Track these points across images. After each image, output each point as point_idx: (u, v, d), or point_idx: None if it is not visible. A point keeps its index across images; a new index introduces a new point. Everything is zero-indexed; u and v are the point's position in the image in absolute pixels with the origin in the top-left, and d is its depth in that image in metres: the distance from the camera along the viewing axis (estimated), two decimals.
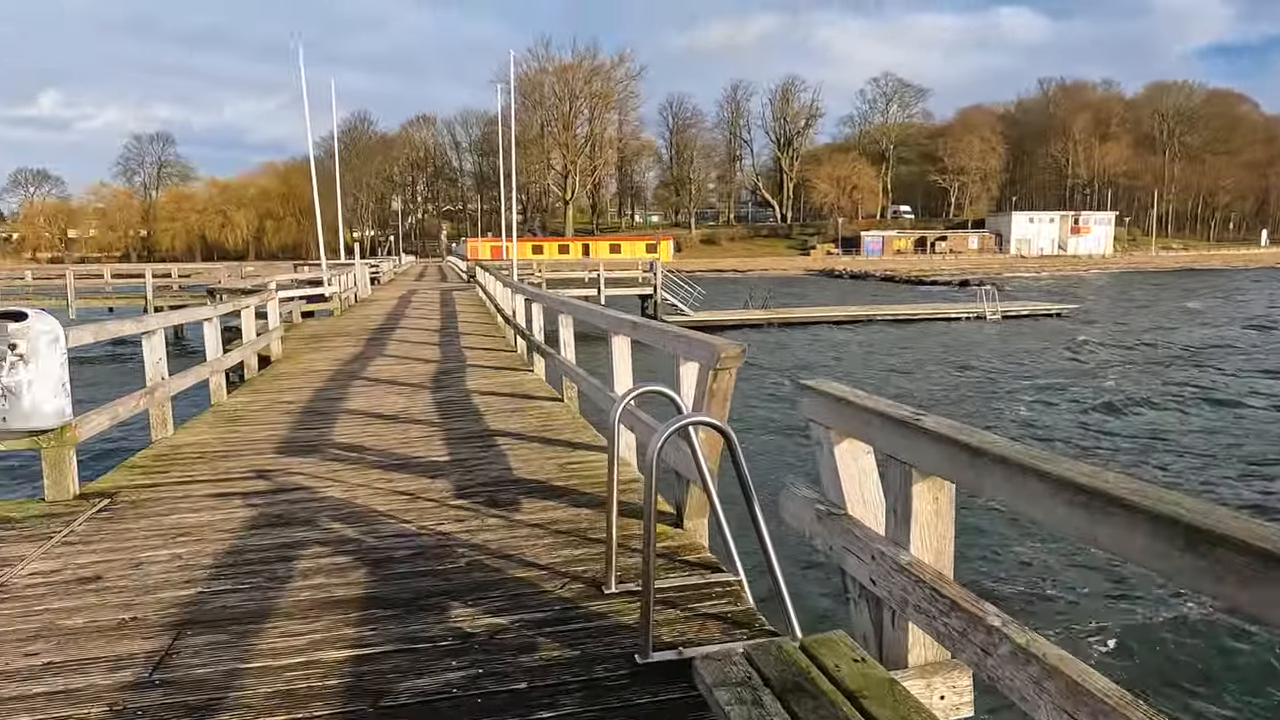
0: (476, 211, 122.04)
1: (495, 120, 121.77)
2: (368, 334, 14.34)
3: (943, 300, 41.48)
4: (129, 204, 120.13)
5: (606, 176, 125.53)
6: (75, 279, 24.91)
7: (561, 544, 3.90)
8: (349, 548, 3.90)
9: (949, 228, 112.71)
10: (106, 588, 3.47)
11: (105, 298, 25.37)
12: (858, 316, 31.41)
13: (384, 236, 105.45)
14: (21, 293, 26.57)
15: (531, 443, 6.07)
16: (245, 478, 5.24)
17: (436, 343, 12.95)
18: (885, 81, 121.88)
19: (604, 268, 29.47)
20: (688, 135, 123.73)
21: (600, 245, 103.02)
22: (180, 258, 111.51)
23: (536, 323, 10.01)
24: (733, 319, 29.86)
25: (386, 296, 24.30)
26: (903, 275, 67.28)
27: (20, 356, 4.32)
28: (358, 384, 9.20)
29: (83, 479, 5.15)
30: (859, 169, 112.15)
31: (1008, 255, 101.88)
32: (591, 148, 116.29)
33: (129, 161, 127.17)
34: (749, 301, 34.23)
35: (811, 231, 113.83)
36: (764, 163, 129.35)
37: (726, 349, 3.41)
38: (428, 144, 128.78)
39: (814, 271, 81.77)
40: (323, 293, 18.24)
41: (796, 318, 31.08)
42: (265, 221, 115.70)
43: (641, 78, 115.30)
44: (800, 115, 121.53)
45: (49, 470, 4.73)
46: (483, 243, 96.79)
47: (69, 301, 24.77)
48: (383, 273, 34.15)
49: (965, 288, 53.73)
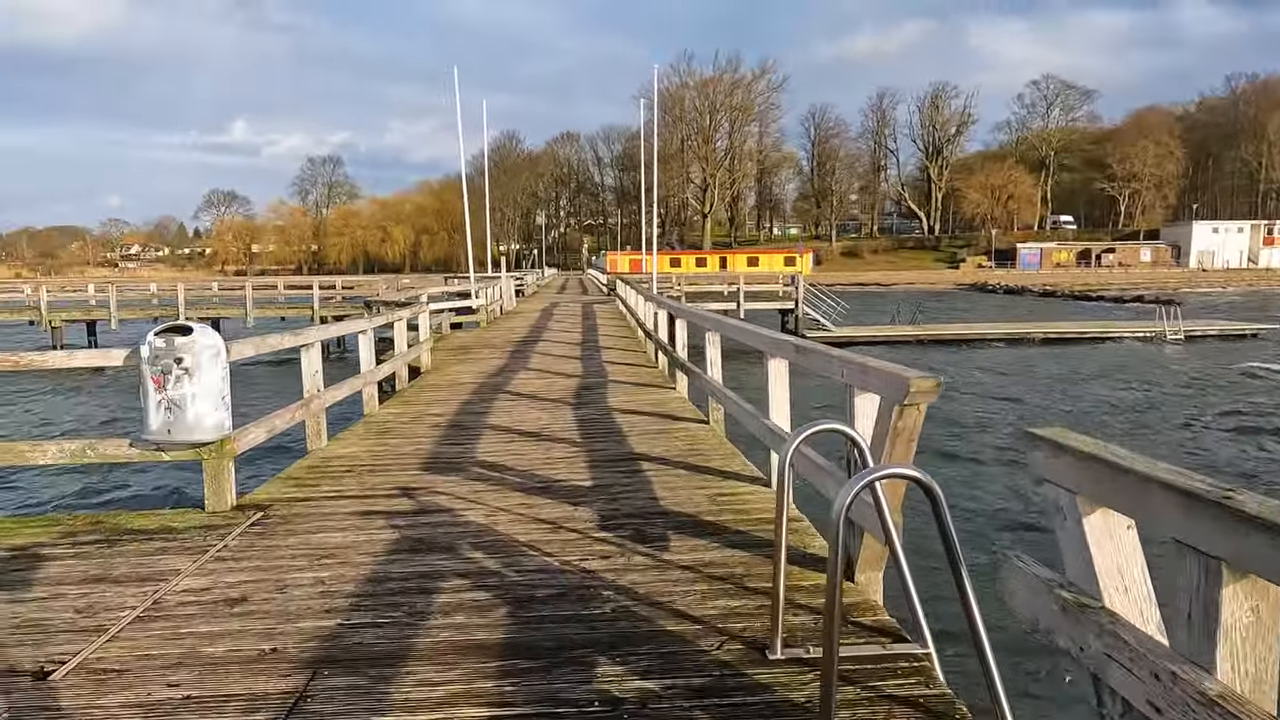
0: (616, 225, 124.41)
1: (636, 136, 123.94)
2: (511, 346, 14.53)
3: (1112, 317, 38.12)
4: (302, 221, 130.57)
5: (745, 189, 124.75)
6: (253, 290, 27.06)
7: (716, 592, 3.51)
8: (490, 582, 3.67)
9: (1117, 239, 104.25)
10: (251, 612, 3.38)
11: (278, 308, 27.43)
12: (1016, 334, 29.25)
13: (528, 250, 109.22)
14: (209, 302, 29.14)
15: (678, 469, 5.72)
16: (390, 495, 5.18)
17: (578, 356, 12.91)
18: (1046, 84, 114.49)
19: (744, 281, 28.94)
20: (830, 146, 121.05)
21: (738, 258, 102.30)
22: (345, 270, 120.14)
23: (680, 339, 9.69)
24: (878, 335, 28.53)
25: (530, 309, 24.84)
26: (1065, 290, 62.62)
27: (185, 370, 4.40)
28: (501, 398, 9.20)
29: (242, 486, 5.27)
30: (1015, 177, 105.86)
31: (1186, 269, 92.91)
32: (731, 160, 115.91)
33: (303, 182, 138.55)
34: (896, 316, 32.67)
35: (961, 243, 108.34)
36: (909, 172, 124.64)
37: (919, 382, 2.92)
38: (571, 160, 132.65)
39: (964, 285, 77.57)
40: (470, 305, 18.76)
41: (948, 335, 29.33)
42: (420, 236, 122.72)
43: (783, 89, 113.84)
44: (951, 122, 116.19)
45: (209, 481, 4.82)
46: (621, 256, 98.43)
47: (247, 311, 26.89)
48: (527, 285, 35.12)
49: (1138, 304, 49.29)
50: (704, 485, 5.25)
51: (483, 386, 9.99)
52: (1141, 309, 45.48)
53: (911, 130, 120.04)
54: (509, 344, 14.91)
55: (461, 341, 15.40)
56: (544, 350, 13.88)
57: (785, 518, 2.86)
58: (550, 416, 8.04)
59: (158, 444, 4.60)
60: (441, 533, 4.37)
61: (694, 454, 6.19)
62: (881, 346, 26.16)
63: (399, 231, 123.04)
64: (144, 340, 4.49)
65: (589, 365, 11.94)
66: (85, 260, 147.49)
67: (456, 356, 13.09)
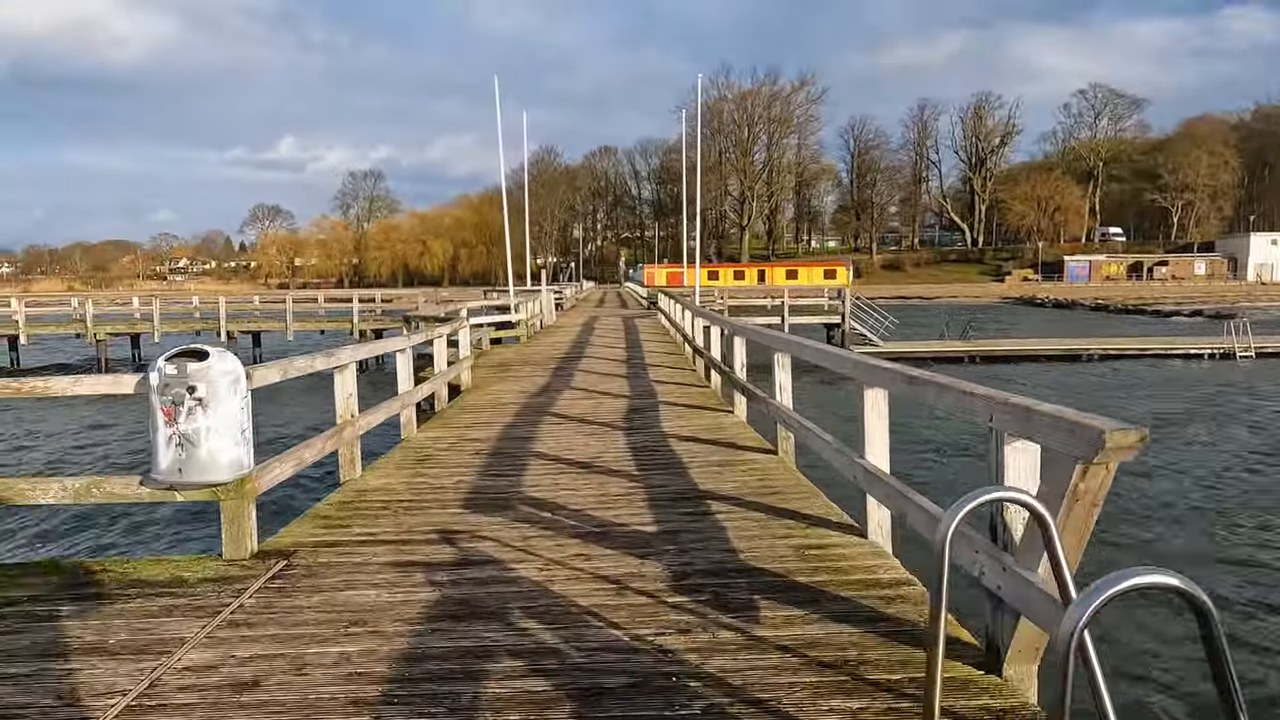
0: (654, 238, 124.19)
1: (673, 149, 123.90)
2: (554, 363, 13.98)
3: (1171, 333, 36.50)
4: (344, 235, 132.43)
5: (783, 201, 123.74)
6: (294, 304, 27.00)
7: (829, 686, 2.82)
8: (548, 664, 3.03)
9: (1170, 251, 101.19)
10: (263, 703, 2.78)
11: (318, 321, 27.33)
12: (1075, 350, 28.02)
13: (565, 263, 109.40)
14: (251, 316, 29.17)
15: (752, 511, 5.04)
16: (429, 540, 4.58)
17: (624, 374, 12.30)
18: (1094, 93, 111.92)
19: (788, 295, 28.17)
20: (870, 157, 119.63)
21: (777, 271, 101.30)
22: (385, 283, 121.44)
23: (739, 358, 9.01)
24: (927, 351, 27.50)
25: (570, 323, 24.36)
26: (1118, 304, 60.60)
27: (199, 400, 3.85)
28: (546, 420, 8.61)
29: (267, 523, 4.73)
30: (1062, 188, 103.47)
31: (1244, 282, 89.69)
32: (769, 173, 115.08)
33: (345, 196, 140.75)
34: (945, 331, 31.58)
35: (1006, 256, 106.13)
36: (951, 184, 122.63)
37: (1117, 435, 2.22)
38: (608, 173, 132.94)
39: (1010, 299, 75.66)
40: (510, 319, 18.30)
41: (1002, 351, 28.18)
42: (459, 250, 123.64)
43: (822, 100, 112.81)
44: (995, 133, 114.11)
45: (226, 525, 4.27)
46: (659, 269, 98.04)
47: (288, 324, 26.81)
48: (566, 299, 34.72)
49: (1198, 318, 47.39)
50: (786, 533, 4.56)
51: (525, 408, 9.42)
52: (1204, 324, 43.68)
53: (954, 141, 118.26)
54: (551, 360, 14.36)
55: (502, 358, 14.89)
56: (588, 368, 13.29)
57: (944, 619, 2.18)
58: (601, 444, 7.43)
59: (169, 484, 4.05)
60: (488, 593, 3.75)
61: (767, 491, 5.51)
62: (932, 363, 25.17)
63: (438, 245, 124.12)
64: (153, 366, 3.95)
65: (637, 385, 11.33)
66: (135, 274, 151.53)
67: (497, 374, 12.56)
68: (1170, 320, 47.98)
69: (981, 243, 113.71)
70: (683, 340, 16.63)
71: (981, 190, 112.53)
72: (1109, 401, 19.35)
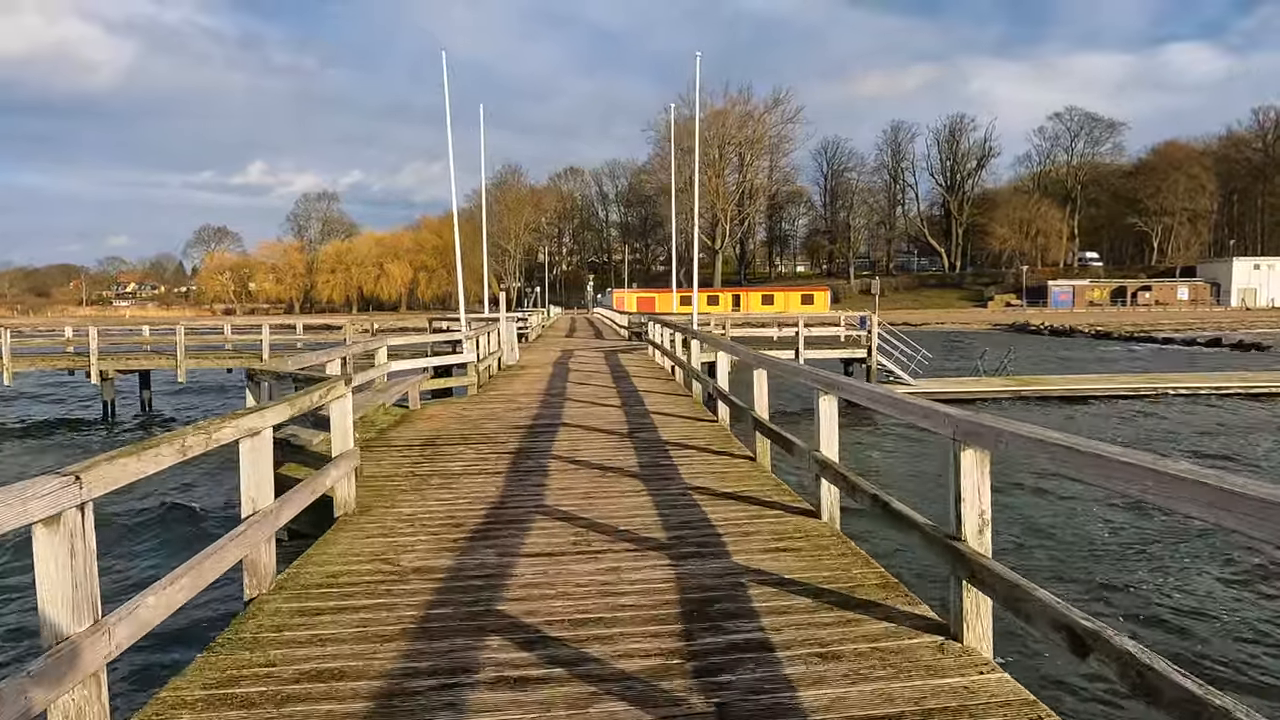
0: (622, 262, 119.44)
1: (641, 171, 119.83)
2: (514, 438, 8.76)
3: (1213, 363, 32.48)
4: (296, 258, 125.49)
5: (756, 224, 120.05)
6: (186, 336, 21.34)
7: None
8: None
9: (1152, 276, 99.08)
10: None
11: (219, 357, 21.75)
12: (1142, 389, 23.49)
13: (530, 288, 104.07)
14: (139, 351, 23.47)
15: None
16: None
17: (636, 469, 7.13)
18: (1070, 116, 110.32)
19: (803, 324, 23.24)
20: (845, 180, 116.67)
21: (752, 296, 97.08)
22: (339, 309, 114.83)
23: (824, 437, 4.10)
24: (972, 391, 22.75)
25: (537, 361, 19.10)
26: (1123, 332, 57.00)
27: None
28: (494, 642, 3.39)
29: None
30: (1043, 211, 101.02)
31: (1229, 308, 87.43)
32: (741, 195, 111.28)
33: (298, 218, 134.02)
34: (980, 365, 26.90)
35: (986, 281, 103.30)
36: (925, 208, 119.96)
37: None
38: (575, 196, 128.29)
39: (1001, 326, 71.92)
40: (456, 360, 13.06)
41: (1056, 390, 23.56)
42: (419, 274, 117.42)
43: (796, 120, 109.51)
44: (970, 155, 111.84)
45: None
46: (629, 293, 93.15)
47: (178, 360, 21.20)
48: (531, 328, 29.41)
49: (1222, 349, 43.63)
50: None
51: (454, 580, 4.22)
52: (1231, 355, 39.83)
53: (929, 164, 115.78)
54: (509, 433, 9.14)
55: (430, 428, 9.63)
56: (570, 449, 8.11)
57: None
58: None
59: None
60: None
61: None
62: (979, 405, 20.39)
63: (396, 268, 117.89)
64: None
65: (665, 495, 6.14)
66: (78, 299, 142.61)
67: (411, 471, 7.33)
68: (1193, 350, 44.13)
69: (959, 267, 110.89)
70: (686, 378, 11.61)
71: (958, 214, 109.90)
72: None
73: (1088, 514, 11.28)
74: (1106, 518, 11.06)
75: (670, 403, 11.38)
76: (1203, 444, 16.89)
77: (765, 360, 7.33)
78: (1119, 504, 11.37)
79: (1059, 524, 10.84)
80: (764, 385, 7.43)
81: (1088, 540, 10.19)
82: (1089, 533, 10.48)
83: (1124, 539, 10.23)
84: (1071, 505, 11.71)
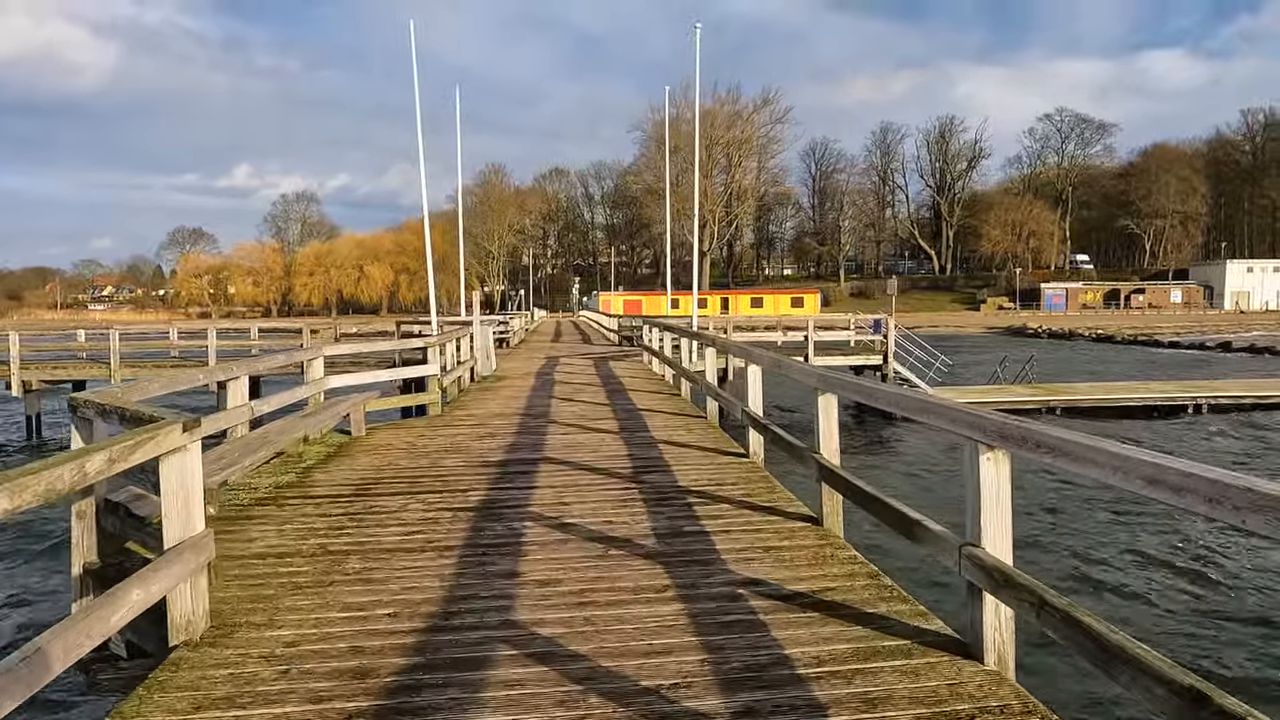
0: (608, 264, 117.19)
1: (627, 172, 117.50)
2: (480, 485, 6.55)
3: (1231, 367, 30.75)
4: (275, 260, 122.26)
5: (743, 226, 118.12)
6: (121, 342, 18.86)
7: None
8: None
9: (1145, 279, 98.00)
10: None
11: (159, 365, 19.34)
12: (1178, 399, 21.54)
13: (514, 291, 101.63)
14: (72, 358, 21.04)
15: None
16: None
17: (650, 540, 4.94)
18: (1061, 117, 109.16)
19: (813, 328, 21.13)
20: (834, 181, 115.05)
21: (741, 299, 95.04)
22: (318, 312, 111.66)
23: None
24: (993, 401, 20.70)
25: (518, 371, 16.84)
26: (1125, 335, 55.43)
27: None
28: None
29: None
30: (1036, 213, 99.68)
31: (1222, 311, 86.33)
32: (729, 196, 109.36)
33: (276, 219, 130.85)
34: (999, 372, 24.89)
35: (978, 284, 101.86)
36: (915, 210, 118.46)
37: None
38: (560, 197, 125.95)
39: (997, 330, 70.31)
40: (417, 373, 10.82)
41: (1084, 401, 21.55)
42: (400, 276, 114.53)
43: (786, 120, 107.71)
44: (960, 156, 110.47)
45: None
46: (615, 296, 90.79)
47: (112, 370, 18.79)
48: (513, 332, 27.12)
49: (1237, 353, 42.01)
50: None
51: None
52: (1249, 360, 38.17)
53: (919, 166, 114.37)
54: (473, 475, 6.93)
55: (374, 463, 7.40)
56: (556, 501, 5.93)
57: None
58: None
59: None
60: None
61: None
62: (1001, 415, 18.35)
63: (377, 271, 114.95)
64: None
65: (723, 623, 3.95)
66: (52, 302, 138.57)
67: (329, 532, 5.14)
68: (1205, 354, 42.47)
69: (950, 270, 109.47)
70: (692, 391, 9.47)
71: (949, 215, 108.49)
72: None
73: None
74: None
75: (680, 426, 9.19)
76: None
77: (832, 380, 5.18)
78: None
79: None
80: (833, 413, 5.28)
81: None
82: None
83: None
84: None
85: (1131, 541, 10.05)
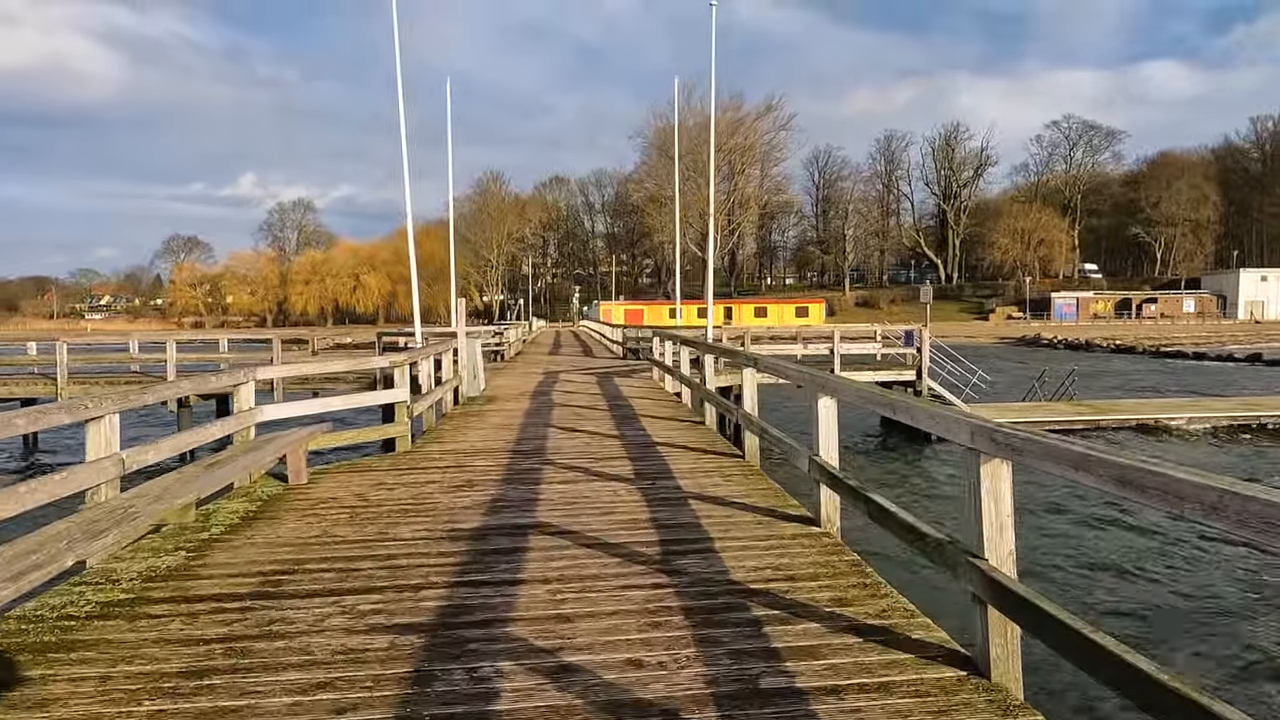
0: (609, 274, 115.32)
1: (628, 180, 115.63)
2: (445, 577, 4.61)
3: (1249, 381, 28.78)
4: (270, 269, 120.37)
5: (746, 235, 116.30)
6: (80, 356, 16.92)
7: None
8: None
9: (1155, 288, 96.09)
10: None
11: (112, 381, 17.37)
12: (1240, 418, 19.58)
13: (513, 300, 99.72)
14: (19, 373, 19.09)
15: None
16: None
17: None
18: (1068, 124, 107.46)
19: (839, 338, 19.18)
20: (837, 189, 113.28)
21: (744, 309, 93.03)
22: (314, 321, 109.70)
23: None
24: (1037, 420, 18.72)
25: (511, 390, 14.84)
26: (1144, 346, 53.46)
27: None
28: None
29: None
30: (1045, 221, 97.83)
31: (1237, 321, 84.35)
32: (732, 205, 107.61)
33: (272, 228, 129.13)
34: (1038, 387, 22.90)
35: (987, 293, 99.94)
36: (921, 219, 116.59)
37: None
38: (560, 206, 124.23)
39: (1009, 340, 68.35)
40: (383, 399, 8.84)
41: (1133, 418, 19.61)
42: (397, 285, 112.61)
43: (789, 127, 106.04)
44: (966, 164, 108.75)
45: None
46: (616, 305, 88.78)
47: (59, 388, 16.82)
48: (508, 344, 25.13)
49: (1262, 363, 40.10)
50: None
51: None
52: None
53: (924, 173, 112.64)
54: (437, 558, 4.97)
55: (304, 533, 5.43)
56: (553, 613, 3.98)
57: None
58: None
59: None
60: None
61: None
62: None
63: (373, 280, 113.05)
64: None
65: None
66: (48, 313, 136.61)
67: (181, 700, 3.12)
68: (1236, 366, 40.50)
69: (956, 279, 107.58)
70: (722, 422, 7.52)
71: (955, 224, 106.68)
72: None
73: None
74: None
75: (713, 469, 7.21)
76: None
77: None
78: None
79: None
80: (1008, 495, 3.33)
81: None
82: None
83: None
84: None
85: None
